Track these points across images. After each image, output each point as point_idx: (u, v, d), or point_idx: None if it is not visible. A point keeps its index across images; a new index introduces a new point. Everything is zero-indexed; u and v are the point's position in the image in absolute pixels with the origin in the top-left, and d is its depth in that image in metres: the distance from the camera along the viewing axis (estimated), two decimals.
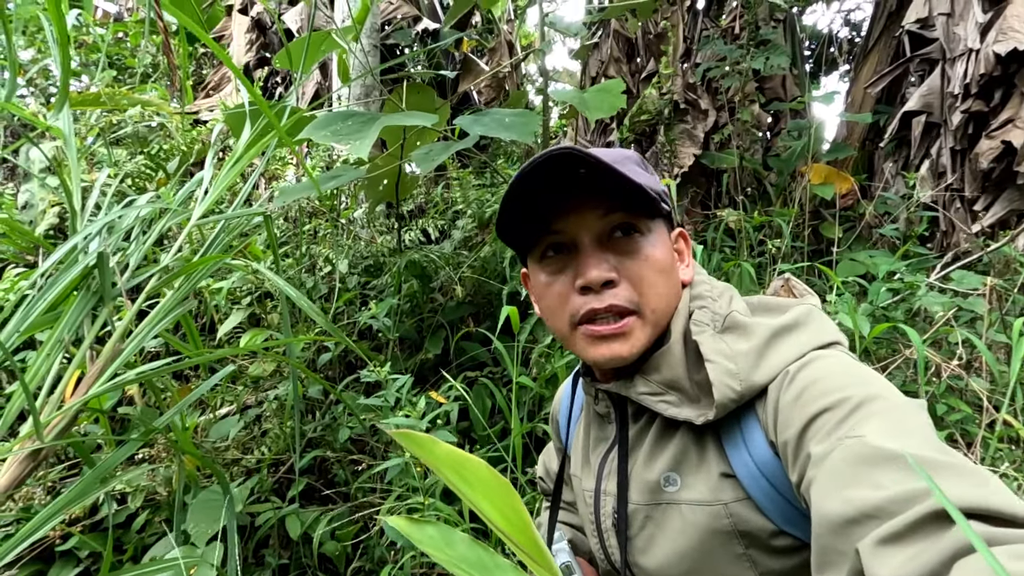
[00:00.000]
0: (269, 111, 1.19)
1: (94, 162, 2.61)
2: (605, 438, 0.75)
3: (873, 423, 0.48)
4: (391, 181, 2.24)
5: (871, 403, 0.51)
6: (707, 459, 0.63)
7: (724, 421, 0.62)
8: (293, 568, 1.50)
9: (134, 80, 4.30)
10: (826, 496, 0.46)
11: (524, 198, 0.64)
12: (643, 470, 0.68)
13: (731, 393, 0.59)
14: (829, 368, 0.57)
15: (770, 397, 0.59)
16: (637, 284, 0.64)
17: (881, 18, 3.35)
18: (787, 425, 0.55)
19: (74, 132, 1.27)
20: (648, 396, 0.65)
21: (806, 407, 0.54)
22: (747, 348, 0.61)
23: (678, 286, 0.70)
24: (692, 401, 0.63)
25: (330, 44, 2.07)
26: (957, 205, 2.64)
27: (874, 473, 0.44)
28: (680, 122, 3.34)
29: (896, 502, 0.41)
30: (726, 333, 0.64)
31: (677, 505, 0.64)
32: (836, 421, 0.51)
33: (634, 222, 0.65)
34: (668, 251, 0.69)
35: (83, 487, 1.04)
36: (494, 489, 0.32)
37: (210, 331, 2.18)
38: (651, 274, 0.65)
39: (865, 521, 0.42)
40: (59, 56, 1.06)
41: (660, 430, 0.68)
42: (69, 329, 1.00)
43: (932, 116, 2.76)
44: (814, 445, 0.51)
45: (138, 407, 1.74)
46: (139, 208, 1.32)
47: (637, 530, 0.68)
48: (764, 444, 0.59)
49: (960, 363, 1.46)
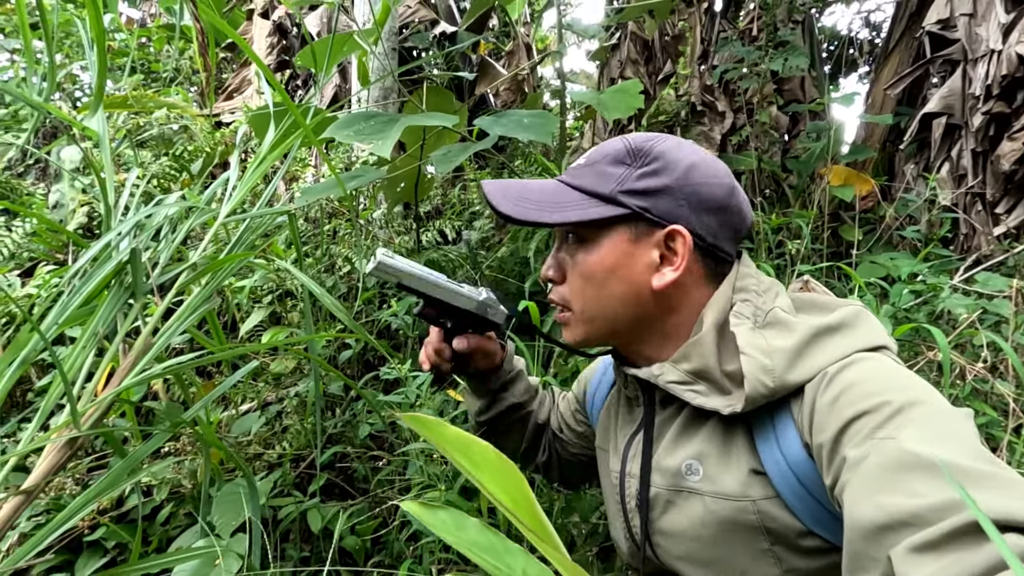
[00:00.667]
0: (296, 111, 1.22)
1: (120, 163, 2.68)
2: (633, 420, 0.76)
3: (912, 428, 0.47)
4: (410, 182, 2.27)
5: (912, 408, 0.50)
6: (735, 453, 0.63)
7: (756, 416, 0.62)
8: (314, 561, 1.52)
9: (159, 84, 4.39)
10: (859, 501, 0.46)
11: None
12: (666, 456, 0.68)
13: (762, 388, 0.58)
14: (870, 371, 0.56)
15: (807, 397, 0.58)
16: (568, 286, 0.73)
17: (902, 19, 3.31)
18: (823, 427, 0.54)
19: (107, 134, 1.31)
20: (676, 384, 0.65)
21: (843, 410, 0.53)
22: (786, 345, 0.60)
23: (630, 292, 0.68)
24: (721, 392, 0.63)
25: (352, 46, 2.11)
26: (978, 207, 2.59)
27: (910, 479, 0.43)
28: (697, 124, 3.32)
29: (932, 511, 0.40)
30: (767, 328, 0.63)
31: (700, 495, 0.64)
32: (874, 425, 0.50)
33: (577, 230, 0.72)
34: (611, 257, 0.68)
35: (113, 478, 1.07)
36: (500, 470, 0.34)
37: (232, 329, 2.22)
38: (578, 280, 0.72)
39: (899, 528, 0.42)
40: (96, 60, 1.10)
41: (688, 418, 0.68)
42: (103, 323, 1.03)
43: (953, 118, 2.72)
44: (850, 449, 0.50)
45: (163, 401, 1.78)
46: (168, 207, 1.36)
47: (660, 513, 0.69)
48: (798, 444, 0.58)
49: (985, 366, 1.44)
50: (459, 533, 0.38)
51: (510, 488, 0.34)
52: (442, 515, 0.40)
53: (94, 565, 1.55)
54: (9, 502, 0.82)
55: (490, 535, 0.38)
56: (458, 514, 0.40)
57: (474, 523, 0.39)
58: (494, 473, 0.34)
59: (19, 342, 0.89)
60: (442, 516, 0.40)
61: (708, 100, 3.34)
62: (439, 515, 0.40)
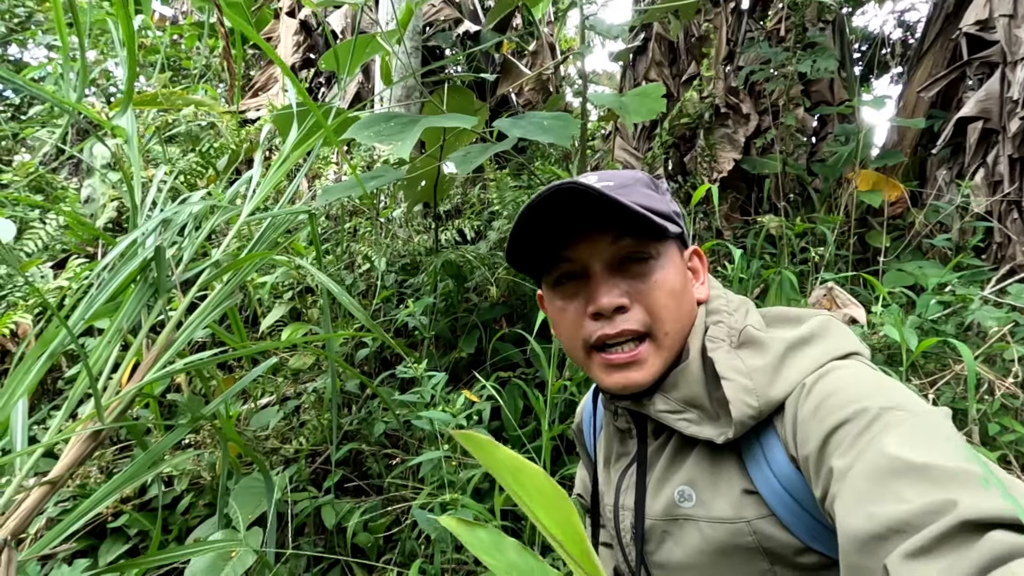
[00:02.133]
0: (318, 111, 1.23)
1: (149, 159, 2.74)
2: (626, 453, 0.76)
3: (893, 434, 0.48)
4: (430, 182, 2.28)
5: (890, 413, 0.50)
6: (726, 476, 0.63)
7: (744, 438, 0.62)
8: (326, 556, 1.55)
9: (189, 81, 4.49)
10: (850, 512, 0.46)
11: (532, 229, 0.66)
12: (659, 485, 0.68)
13: (749, 410, 0.59)
14: (846, 379, 0.57)
15: (788, 411, 0.58)
16: (649, 308, 0.65)
17: (937, 19, 3.22)
18: (807, 439, 0.55)
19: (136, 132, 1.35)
20: (667, 414, 0.65)
21: (824, 420, 0.53)
22: (762, 364, 0.61)
23: (692, 305, 0.70)
24: (712, 419, 0.63)
25: (375, 47, 2.12)
26: (1014, 216, 2.51)
27: (897, 486, 0.44)
28: (721, 126, 3.28)
29: (921, 515, 0.41)
30: (742, 348, 0.64)
31: (695, 521, 0.64)
32: (856, 433, 0.50)
33: (644, 247, 0.66)
34: (680, 272, 0.69)
35: (136, 468, 1.10)
36: (550, 498, 0.32)
37: (253, 324, 2.26)
38: (663, 297, 0.65)
39: (891, 536, 0.42)
40: (126, 59, 1.12)
41: (677, 446, 0.68)
42: (128, 318, 1.06)
43: (990, 122, 2.63)
44: (836, 459, 0.50)
45: (185, 394, 1.82)
46: (192, 205, 1.39)
47: (656, 545, 0.68)
48: (785, 459, 0.59)
49: (1016, 381, 1.39)
50: (498, 555, 0.37)
51: (559, 518, 0.32)
52: (481, 534, 0.39)
53: (117, 551, 1.59)
54: (36, 491, 0.85)
55: (530, 559, 0.37)
56: (497, 534, 0.39)
57: (513, 544, 0.38)
58: (544, 501, 0.33)
59: (48, 336, 0.92)
60: (481, 535, 0.39)
61: (732, 102, 3.30)
62: (478, 534, 0.39)
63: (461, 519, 0.39)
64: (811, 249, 2.06)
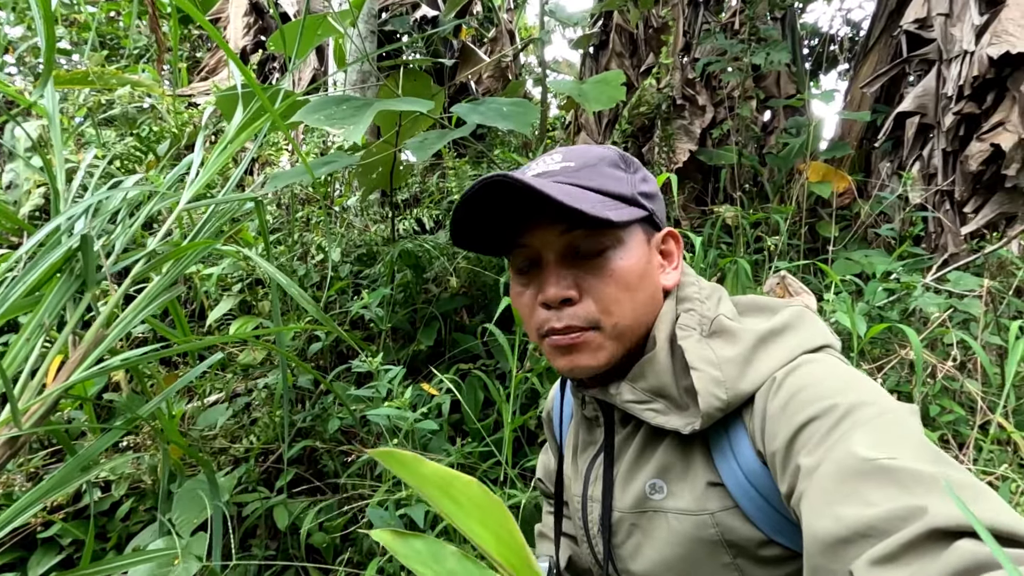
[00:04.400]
0: (261, 92, 1.16)
1: (82, 143, 2.56)
2: (593, 442, 0.74)
3: (862, 432, 0.47)
4: (385, 169, 2.21)
5: (859, 410, 0.49)
6: (694, 468, 0.62)
7: (711, 429, 0.61)
8: (280, 559, 1.49)
9: (128, 61, 4.22)
10: (817, 514, 0.45)
11: (473, 220, 0.64)
12: (628, 477, 0.67)
13: (717, 402, 0.57)
14: (816, 374, 0.56)
15: (757, 405, 0.58)
16: (600, 301, 0.62)
17: (882, 17, 3.34)
18: (775, 435, 0.54)
19: (60, 111, 1.24)
20: (634, 404, 0.64)
21: (793, 416, 0.53)
22: (733, 354, 0.59)
23: (654, 295, 0.67)
24: (680, 408, 0.61)
25: (326, 28, 2.03)
26: (947, 206, 2.63)
27: (864, 488, 0.43)
28: (678, 118, 3.31)
29: (888, 520, 0.40)
30: (713, 338, 0.62)
31: (664, 514, 0.63)
32: (824, 431, 0.49)
33: (597, 236, 0.62)
34: (642, 260, 0.65)
35: (64, 474, 1.02)
36: (486, 510, 0.30)
37: (200, 318, 2.15)
38: (615, 291, 0.62)
39: (858, 540, 0.41)
40: (43, 29, 1.03)
41: (646, 437, 0.66)
42: (50, 313, 0.97)
43: (926, 117, 2.75)
44: (803, 457, 0.49)
45: (124, 394, 1.71)
46: (126, 190, 1.29)
47: (623, 538, 0.67)
48: (751, 453, 0.58)
49: (955, 364, 1.46)
50: (436, 565, 0.35)
51: (499, 530, 0.30)
52: (417, 545, 0.36)
53: (48, 563, 1.49)
54: None
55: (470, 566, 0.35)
56: (435, 543, 0.36)
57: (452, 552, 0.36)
58: (480, 514, 0.30)
59: None
60: (417, 546, 0.36)
61: (689, 94, 3.33)
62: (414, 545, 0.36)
63: (395, 531, 0.36)
64: (766, 238, 2.10)
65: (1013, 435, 1.33)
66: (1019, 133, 2.32)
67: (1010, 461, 1.34)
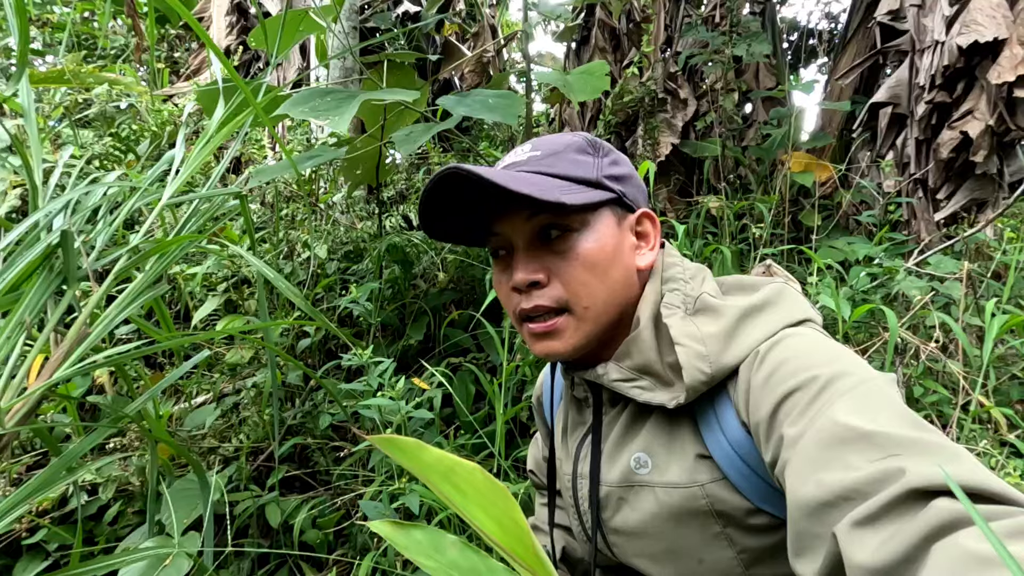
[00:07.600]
0: (244, 86, 1.14)
1: (59, 143, 2.51)
2: (583, 422, 0.76)
3: (843, 401, 0.49)
4: (370, 164, 2.19)
5: (840, 380, 0.51)
6: (681, 441, 0.63)
7: (698, 403, 0.62)
8: (273, 557, 1.47)
9: (105, 60, 4.15)
10: (800, 480, 0.46)
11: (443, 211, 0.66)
12: (615, 452, 0.68)
13: (701, 376, 0.59)
14: (798, 346, 0.57)
15: (741, 377, 0.59)
16: (567, 284, 0.64)
17: (859, 9, 3.38)
18: (758, 406, 0.55)
19: (36, 109, 1.21)
20: (621, 382, 0.65)
21: (776, 388, 0.54)
22: (717, 330, 0.61)
23: (627, 276, 0.68)
24: (665, 384, 0.63)
25: (308, 24, 2.01)
26: (920, 194, 2.68)
27: (846, 453, 0.44)
28: (660, 111, 3.33)
29: (869, 483, 0.41)
30: (697, 315, 0.64)
31: (651, 487, 0.64)
32: (807, 401, 0.51)
33: (563, 220, 0.64)
34: (611, 242, 0.66)
35: (48, 476, 1.00)
36: (489, 496, 0.29)
37: (185, 319, 2.12)
38: (582, 273, 0.64)
39: (840, 503, 0.42)
40: (16, 23, 1.00)
41: (633, 414, 0.68)
42: (31, 311, 0.95)
43: (899, 107, 2.80)
44: (787, 427, 0.51)
45: (109, 395, 1.68)
46: (106, 186, 1.27)
47: (612, 512, 0.69)
48: (737, 424, 0.59)
49: (937, 345, 1.48)
50: (436, 555, 0.34)
51: (501, 516, 0.29)
52: (417, 535, 0.36)
53: (35, 569, 1.46)
54: None
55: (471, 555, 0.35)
56: (435, 533, 0.36)
57: (453, 542, 0.36)
58: (482, 500, 0.30)
59: None
60: (417, 536, 0.36)
61: (671, 87, 3.35)
62: (414, 535, 0.36)
63: (395, 522, 0.36)
64: (751, 226, 2.12)
65: (992, 411, 1.35)
66: (986, 120, 2.37)
67: (990, 439, 1.37)
